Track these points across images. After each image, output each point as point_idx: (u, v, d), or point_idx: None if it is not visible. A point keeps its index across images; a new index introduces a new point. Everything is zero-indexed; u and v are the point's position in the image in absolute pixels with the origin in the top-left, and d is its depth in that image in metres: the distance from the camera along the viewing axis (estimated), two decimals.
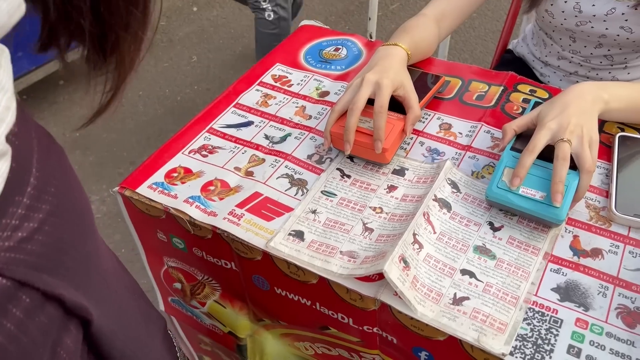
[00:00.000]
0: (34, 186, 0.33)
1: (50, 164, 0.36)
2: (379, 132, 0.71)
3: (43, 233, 0.33)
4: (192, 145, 0.81)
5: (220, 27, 2.50)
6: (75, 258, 0.37)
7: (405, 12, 2.48)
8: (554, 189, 0.63)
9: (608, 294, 0.59)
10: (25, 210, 0.32)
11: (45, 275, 0.34)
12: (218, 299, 0.82)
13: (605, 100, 0.71)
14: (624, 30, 0.91)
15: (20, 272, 0.32)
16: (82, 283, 0.38)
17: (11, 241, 0.31)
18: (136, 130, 2.04)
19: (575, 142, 0.66)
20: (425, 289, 0.60)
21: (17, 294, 0.32)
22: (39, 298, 0.33)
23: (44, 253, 0.33)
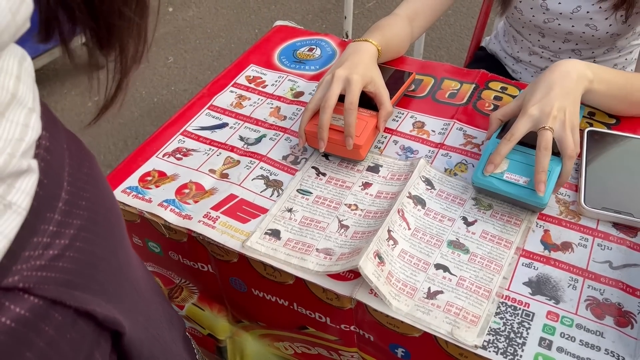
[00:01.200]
0: (65, 201, 0.33)
1: (82, 176, 0.35)
2: (349, 129, 0.71)
3: (74, 249, 0.33)
4: (166, 148, 0.80)
5: (196, 28, 2.48)
6: (107, 271, 0.37)
7: (382, 10, 2.49)
8: (537, 178, 0.64)
9: (578, 286, 0.60)
10: (57, 227, 0.32)
11: (76, 291, 0.33)
12: (196, 302, 0.82)
13: (590, 79, 0.71)
14: (590, 28, 0.93)
15: (52, 290, 0.31)
16: (113, 295, 0.38)
17: (42, 260, 0.31)
18: (112, 133, 2.02)
19: (557, 127, 0.66)
20: (400, 284, 0.61)
21: (48, 312, 0.32)
22: (71, 315, 0.33)
23: (75, 269, 0.33)
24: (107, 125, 2.05)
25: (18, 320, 0.30)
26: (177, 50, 2.37)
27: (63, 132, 0.35)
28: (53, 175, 0.32)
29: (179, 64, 2.30)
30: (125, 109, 2.12)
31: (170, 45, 2.40)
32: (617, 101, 0.76)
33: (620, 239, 0.65)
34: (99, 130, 2.04)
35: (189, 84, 2.19)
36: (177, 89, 2.19)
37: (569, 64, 0.71)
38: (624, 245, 0.64)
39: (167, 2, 2.65)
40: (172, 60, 2.32)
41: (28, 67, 0.32)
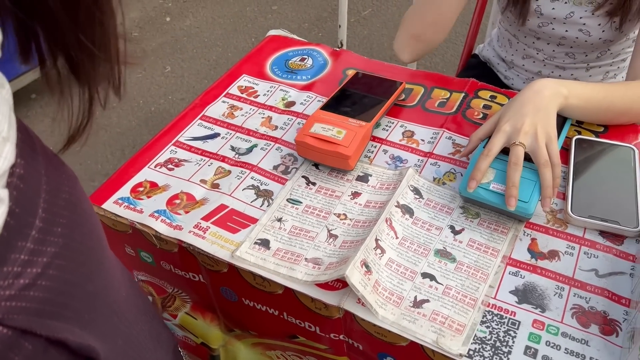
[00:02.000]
0: (39, 229, 0.33)
1: (59, 202, 0.35)
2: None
3: (47, 277, 0.33)
4: (158, 159, 0.81)
5: (193, 37, 2.50)
6: (82, 297, 0.36)
7: (378, 18, 2.50)
8: (507, 193, 0.65)
9: (564, 294, 0.61)
10: (29, 255, 0.32)
11: (48, 320, 0.33)
12: (189, 311, 0.83)
13: (565, 95, 0.73)
14: (583, 33, 0.94)
15: (22, 320, 0.31)
16: (89, 321, 0.37)
17: (12, 289, 0.31)
18: (110, 142, 2.03)
19: (529, 142, 0.68)
20: (386, 293, 0.61)
21: (18, 342, 0.31)
22: (42, 343, 0.33)
23: (47, 298, 0.33)
24: (105, 135, 2.06)
25: None
26: (175, 60, 2.38)
27: (42, 157, 0.35)
28: (26, 204, 0.32)
29: (176, 73, 2.31)
30: (123, 117, 2.13)
31: (168, 55, 2.41)
32: (600, 113, 0.77)
33: (606, 247, 0.65)
34: (97, 139, 2.05)
35: (186, 93, 2.21)
36: (175, 98, 2.20)
37: (541, 83, 0.73)
38: (610, 253, 0.64)
39: (165, 12, 2.67)
40: (170, 70, 2.33)
41: (6, 94, 0.32)
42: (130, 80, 2.29)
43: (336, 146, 0.73)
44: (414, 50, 0.99)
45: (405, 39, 0.98)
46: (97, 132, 2.07)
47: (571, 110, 0.75)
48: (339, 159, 0.74)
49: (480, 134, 0.73)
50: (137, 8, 2.70)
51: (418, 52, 0.99)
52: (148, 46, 2.47)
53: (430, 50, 0.99)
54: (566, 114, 0.76)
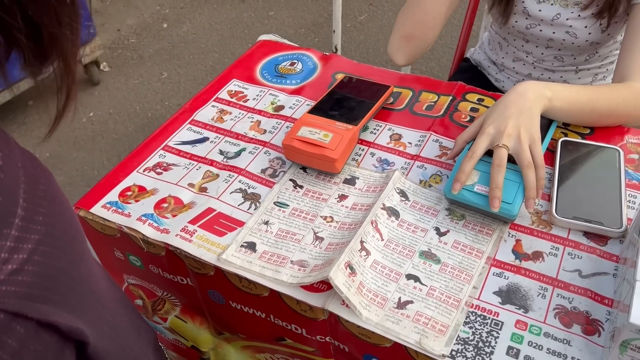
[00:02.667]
0: (21, 217, 0.34)
1: (38, 192, 0.36)
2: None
3: (33, 263, 0.34)
4: (147, 163, 0.81)
5: (190, 43, 2.51)
6: (68, 283, 0.37)
7: (374, 23, 2.51)
8: (491, 194, 0.65)
9: (547, 295, 0.61)
10: (14, 242, 0.33)
11: (38, 304, 0.34)
12: (179, 314, 0.83)
13: (549, 98, 0.73)
14: (569, 35, 0.94)
15: (13, 304, 0.32)
16: (76, 306, 0.38)
17: (1, 274, 0.32)
18: (106, 148, 2.04)
19: (512, 144, 0.68)
20: (371, 294, 0.61)
21: (10, 325, 0.32)
22: (33, 327, 0.34)
23: (35, 282, 0.34)
24: (102, 141, 2.07)
25: None
26: (171, 66, 2.39)
27: (17, 151, 0.36)
28: (7, 193, 0.33)
29: (173, 79, 2.32)
30: (120, 124, 2.14)
31: (165, 61, 2.42)
32: (584, 115, 0.78)
33: (590, 247, 0.65)
34: (94, 145, 2.06)
35: (182, 98, 2.22)
36: (171, 104, 2.21)
37: (525, 86, 0.73)
38: (594, 254, 0.65)
39: (162, 19, 2.68)
40: (166, 76, 2.35)
41: None
42: (127, 87, 2.30)
43: (323, 149, 0.74)
44: (406, 51, 0.99)
45: (396, 41, 0.98)
46: (94, 138, 2.08)
47: (555, 113, 0.75)
48: (326, 162, 0.74)
49: (466, 137, 0.74)
50: (135, 15, 2.72)
51: (410, 53, 0.99)
52: (145, 52, 2.49)
53: (422, 51, 0.99)
54: (550, 116, 0.76)
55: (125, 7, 2.78)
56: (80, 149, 2.05)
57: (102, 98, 2.26)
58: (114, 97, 2.26)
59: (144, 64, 2.42)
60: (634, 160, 0.75)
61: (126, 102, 2.23)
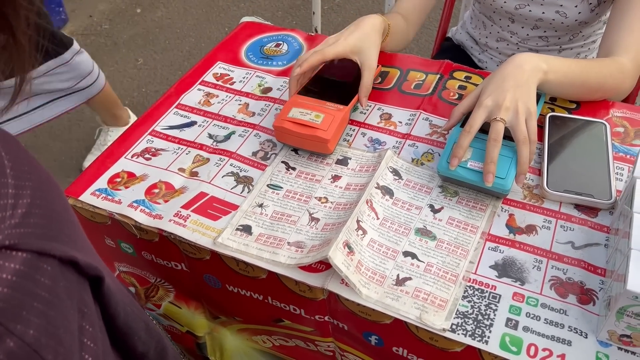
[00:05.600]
0: (11, 167, 0.34)
1: (23, 168, 0.37)
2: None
3: (37, 206, 0.35)
4: (134, 149, 0.80)
5: (165, 28, 2.46)
6: (70, 226, 0.39)
7: (351, 5, 2.50)
8: (485, 169, 0.66)
9: (542, 267, 0.62)
10: (14, 189, 0.34)
11: (54, 243, 0.35)
12: (173, 300, 0.82)
13: (544, 70, 0.73)
14: (559, 15, 0.95)
15: (34, 243, 0.33)
16: (82, 247, 0.40)
17: (15, 218, 0.32)
18: (84, 138, 2.00)
19: (510, 117, 0.68)
20: (369, 272, 0.62)
21: (38, 264, 0.33)
22: (57, 264, 0.35)
23: (45, 224, 0.35)
24: (79, 130, 2.03)
25: (17, 274, 0.31)
26: (147, 52, 2.35)
27: None
28: None
29: (149, 65, 2.28)
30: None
31: (140, 47, 2.37)
32: (575, 89, 0.78)
33: (582, 219, 0.67)
34: (70, 135, 2.01)
35: (160, 85, 2.18)
36: (149, 90, 2.17)
37: (522, 57, 0.73)
38: (586, 225, 0.66)
39: (135, 4, 2.62)
40: (142, 62, 2.30)
41: None
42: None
43: (315, 130, 0.73)
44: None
45: None
46: (70, 128, 2.04)
47: (549, 86, 0.75)
48: (318, 143, 0.74)
49: (462, 109, 0.73)
50: (107, 0, 2.65)
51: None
52: (119, 39, 2.43)
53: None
54: (544, 89, 0.76)
55: None
56: (56, 139, 2.00)
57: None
58: None
59: (119, 50, 2.37)
60: (619, 133, 0.77)
61: None
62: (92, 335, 0.37)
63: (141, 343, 0.47)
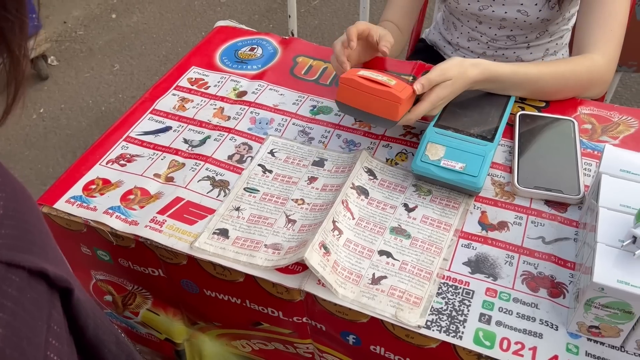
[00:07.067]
0: None
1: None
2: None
3: (9, 217, 0.35)
4: (109, 155, 0.80)
5: (141, 33, 2.45)
6: (42, 237, 0.39)
7: (327, 8, 2.51)
8: None
9: (514, 262, 0.64)
10: None
11: (24, 254, 0.35)
12: (151, 307, 0.82)
13: (475, 81, 0.76)
14: (521, 14, 0.97)
15: (4, 254, 0.33)
16: (54, 258, 0.40)
17: None
18: (60, 145, 1.97)
19: None
20: (345, 272, 0.62)
21: (7, 275, 0.33)
22: (26, 276, 0.35)
23: (16, 235, 0.35)
24: (54, 137, 2.00)
25: None
26: (123, 57, 2.33)
27: None
28: None
29: (125, 71, 2.26)
30: (73, 119, 2.07)
31: (116, 52, 2.35)
32: (526, 92, 0.82)
33: (552, 215, 0.68)
34: (46, 143, 1.99)
35: (136, 90, 2.16)
36: (125, 96, 2.15)
37: (466, 74, 0.75)
38: (556, 220, 0.68)
39: (110, 9, 2.60)
40: (118, 67, 2.28)
41: None
42: (78, 81, 2.23)
43: (388, 88, 0.69)
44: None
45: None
46: (46, 135, 2.01)
47: (489, 86, 0.80)
48: (389, 104, 0.68)
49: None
50: (81, 6, 2.62)
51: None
52: (94, 45, 2.41)
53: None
54: (487, 89, 0.80)
55: None
56: (32, 146, 1.98)
57: (52, 93, 2.18)
58: (65, 92, 2.18)
59: (94, 56, 2.35)
60: (587, 130, 0.79)
61: (78, 97, 2.16)
62: (58, 349, 0.37)
63: (111, 356, 0.47)
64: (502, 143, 0.78)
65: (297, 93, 0.88)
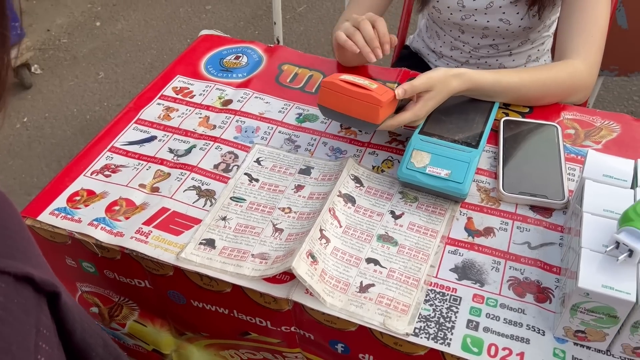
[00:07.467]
0: None
1: None
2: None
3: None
4: (93, 166, 0.79)
5: (126, 41, 2.43)
6: (24, 243, 0.39)
7: (313, 14, 2.52)
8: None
9: (500, 268, 0.64)
10: None
11: (8, 259, 0.35)
12: (137, 319, 0.81)
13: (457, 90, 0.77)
14: (503, 22, 0.98)
15: None
16: (38, 263, 0.39)
17: None
18: (44, 154, 1.95)
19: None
20: (333, 281, 0.62)
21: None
22: (12, 281, 0.35)
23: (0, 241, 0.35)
24: (39, 147, 1.98)
25: None
26: (108, 65, 2.31)
27: None
28: None
29: (110, 79, 2.25)
30: (57, 128, 2.05)
31: (100, 60, 2.34)
32: (508, 98, 0.83)
33: (537, 220, 0.69)
34: (31, 152, 1.97)
35: (122, 98, 2.15)
36: (110, 104, 2.14)
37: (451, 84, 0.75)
38: (541, 226, 0.68)
39: (94, 17, 2.58)
40: (103, 75, 2.26)
41: None
42: (62, 89, 2.21)
43: (369, 91, 0.69)
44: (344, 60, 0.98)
45: (335, 51, 0.97)
46: (30, 144, 1.99)
47: (472, 94, 0.81)
48: (370, 106, 0.68)
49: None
50: (64, 14, 2.60)
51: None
52: (79, 53, 2.39)
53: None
54: (471, 95, 0.81)
55: (54, 5, 2.66)
56: (16, 156, 1.95)
57: (36, 102, 2.16)
58: (49, 101, 2.16)
59: (78, 64, 2.33)
60: (570, 135, 0.80)
61: (62, 105, 2.14)
62: (49, 353, 0.37)
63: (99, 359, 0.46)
64: (487, 149, 0.78)
65: (282, 101, 0.88)
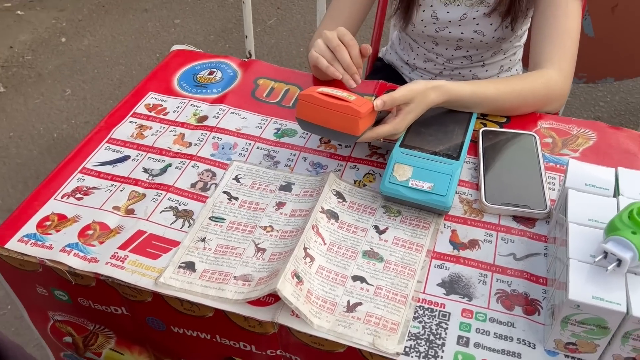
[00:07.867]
0: None
1: None
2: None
3: None
4: (64, 188, 0.76)
5: (93, 57, 2.38)
6: None
7: (284, 27, 2.51)
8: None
9: (487, 281, 0.63)
10: None
11: None
12: (114, 347, 0.78)
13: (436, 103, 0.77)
14: (477, 34, 0.99)
15: None
16: None
17: None
18: (10, 175, 1.88)
19: None
20: (319, 301, 0.61)
21: None
22: None
23: None
24: (3, 167, 1.91)
25: None
26: (74, 82, 2.26)
27: None
28: None
29: (77, 95, 2.19)
30: (23, 147, 1.99)
31: (66, 77, 2.28)
32: (484, 109, 0.83)
33: (520, 230, 0.69)
34: None
35: (90, 115, 2.10)
36: (78, 121, 2.08)
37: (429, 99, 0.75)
38: (525, 236, 0.68)
39: (59, 33, 2.53)
40: (70, 92, 2.21)
41: None
42: (27, 107, 2.14)
43: (348, 103, 0.69)
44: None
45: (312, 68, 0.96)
46: None
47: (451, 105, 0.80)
48: (349, 118, 0.68)
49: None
50: (28, 30, 2.54)
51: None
52: (44, 69, 2.33)
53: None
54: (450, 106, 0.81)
55: (16, 22, 2.59)
56: None
57: (0, 121, 2.09)
58: (13, 119, 2.09)
59: (44, 81, 2.27)
60: (548, 144, 0.80)
61: (27, 124, 2.08)
62: None
63: None
64: (467, 160, 0.78)
65: (259, 116, 0.86)
